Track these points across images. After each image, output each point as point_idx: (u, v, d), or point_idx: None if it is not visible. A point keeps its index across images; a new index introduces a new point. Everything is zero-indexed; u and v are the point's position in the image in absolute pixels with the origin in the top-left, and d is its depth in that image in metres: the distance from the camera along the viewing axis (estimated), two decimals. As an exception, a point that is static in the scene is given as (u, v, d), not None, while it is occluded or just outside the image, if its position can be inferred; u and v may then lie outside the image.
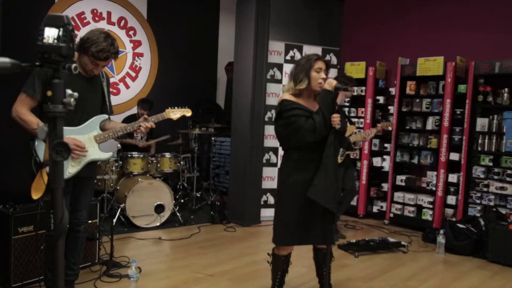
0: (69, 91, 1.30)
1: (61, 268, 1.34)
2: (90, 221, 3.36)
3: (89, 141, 2.68)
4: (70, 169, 2.60)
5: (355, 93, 5.76)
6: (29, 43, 1.41)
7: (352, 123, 4.81)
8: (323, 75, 2.62)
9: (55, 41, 1.27)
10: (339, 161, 2.66)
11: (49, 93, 1.28)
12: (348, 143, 4.43)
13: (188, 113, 3.18)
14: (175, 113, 3.09)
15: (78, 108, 2.56)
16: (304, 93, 2.69)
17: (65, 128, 2.50)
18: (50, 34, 1.27)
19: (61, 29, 1.27)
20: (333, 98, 2.54)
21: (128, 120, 5.27)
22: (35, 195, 2.28)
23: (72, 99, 1.29)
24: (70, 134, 2.60)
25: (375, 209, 5.90)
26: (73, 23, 1.33)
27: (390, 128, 4.64)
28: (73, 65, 1.31)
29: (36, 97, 2.49)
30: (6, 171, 4.61)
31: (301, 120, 2.55)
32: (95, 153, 2.71)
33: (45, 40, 1.27)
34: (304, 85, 2.63)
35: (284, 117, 2.62)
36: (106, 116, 2.80)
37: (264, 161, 5.37)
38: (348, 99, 5.82)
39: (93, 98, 2.75)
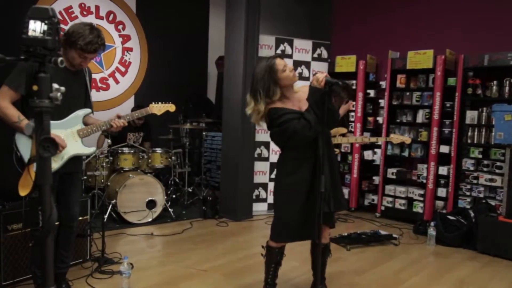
0: (55, 86, 1.28)
1: (50, 265, 1.32)
2: (80, 218, 3.33)
3: (71, 136, 2.63)
4: (53, 164, 2.53)
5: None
6: (16, 37, 1.37)
7: (345, 126, 4.82)
8: (290, 67, 2.60)
9: (40, 34, 1.24)
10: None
11: (35, 87, 1.25)
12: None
13: (171, 108, 3.17)
14: (159, 108, 3.09)
15: (63, 102, 2.54)
16: (284, 93, 2.64)
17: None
18: (35, 27, 1.24)
19: (46, 21, 1.24)
20: (322, 94, 2.48)
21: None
22: (23, 192, 2.24)
23: (58, 94, 1.26)
24: (53, 128, 2.52)
25: (366, 202, 5.94)
26: (58, 17, 1.30)
27: (407, 142, 4.54)
28: (59, 59, 1.28)
29: (20, 92, 2.45)
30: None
31: (293, 123, 2.50)
32: (78, 147, 2.67)
33: (30, 33, 1.24)
34: (279, 94, 2.59)
35: (277, 125, 2.58)
36: (89, 110, 2.76)
37: (256, 155, 5.37)
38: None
39: (78, 92, 2.72)
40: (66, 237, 2.83)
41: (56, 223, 2.84)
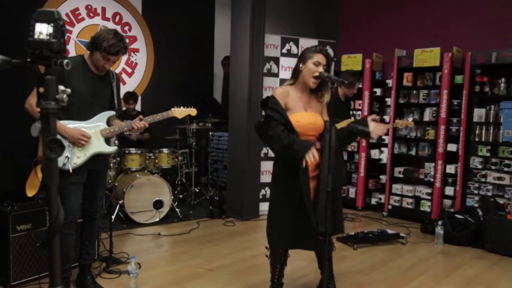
0: (61, 87, 1.29)
1: (58, 264, 1.34)
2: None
3: (95, 135, 2.77)
4: (76, 160, 2.68)
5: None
6: (23, 40, 1.40)
7: (353, 116, 4.83)
8: (320, 69, 2.54)
9: (46, 37, 1.26)
10: None
11: (41, 89, 1.27)
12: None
13: (193, 112, 3.24)
14: (180, 112, 3.15)
15: (88, 103, 2.73)
16: (299, 84, 2.64)
17: (74, 122, 2.65)
18: (41, 29, 1.26)
19: (52, 24, 1.25)
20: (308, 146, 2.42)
21: (119, 116, 5.23)
22: (30, 193, 2.29)
23: (64, 95, 1.28)
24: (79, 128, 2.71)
25: (373, 201, 5.91)
26: (65, 19, 1.32)
27: (410, 126, 4.57)
28: (65, 61, 1.30)
29: None
30: (3, 169, 4.59)
31: (278, 129, 2.43)
32: (101, 146, 2.79)
33: (36, 36, 1.26)
34: (297, 81, 2.63)
35: (266, 112, 2.56)
36: (113, 112, 2.91)
37: (262, 155, 5.37)
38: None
39: (103, 95, 2.86)
40: (90, 230, 3.01)
41: (80, 220, 2.96)
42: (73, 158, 2.67)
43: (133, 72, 6.16)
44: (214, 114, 6.22)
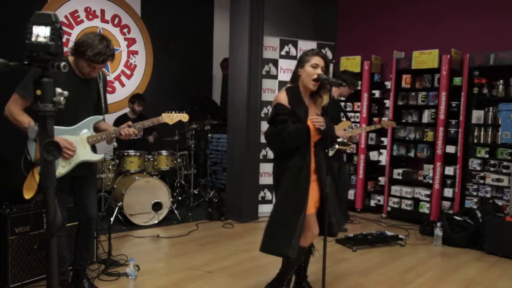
0: (58, 90, 1.29)
1: (55, 267, 1.34)
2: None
3: (81, 142, 2.65)
4: (60, 169, 2.57)
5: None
6: (21, 43, 1.40)
7: (348, 119, 4.83)
8: (319, 71, 2.56)
9: (44, 39, 1.26)
10: (330, 155, 2.66)
11: (38, 92, 1.27)
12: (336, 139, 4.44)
13: (185, 118, 3.16)
14: (171, 118, 3.07)
15: (73, 108, 2.57)
16: (300, 89, 2.65)
17: (58, 128, 2.53)
18: (38, 32, 1.26)
19: (49, 27, 1.26)
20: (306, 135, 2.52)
21: (119, 120, 5.23)
22: (27, 195, 2.27)
23: (62, 98, 1.28)
24: (63, 134, 2.58)
25: (372, 203, 5.91)
26: (64, 21, 1.32)
27: (394, 125, 4.72)
28: (62, 64, 1.30)
29: (28, 98, 2.45)
30: (1, 172, 4.59)
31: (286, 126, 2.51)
32: (86, 154, 2.67)
33: (33, 39, 1.26)
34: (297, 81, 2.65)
35: (274, 124, 2.57)
36: (100, 117, 2.78)
37: (261, 157, 5.37)
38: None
39: (88, 99, 2.74)
40: (85, 237, 2.92)
41: (75, 223, 2.93)
42: (57, 168, 2.53)
43: (132, 74, 6.17)
44: (213, 116, 6.23)
